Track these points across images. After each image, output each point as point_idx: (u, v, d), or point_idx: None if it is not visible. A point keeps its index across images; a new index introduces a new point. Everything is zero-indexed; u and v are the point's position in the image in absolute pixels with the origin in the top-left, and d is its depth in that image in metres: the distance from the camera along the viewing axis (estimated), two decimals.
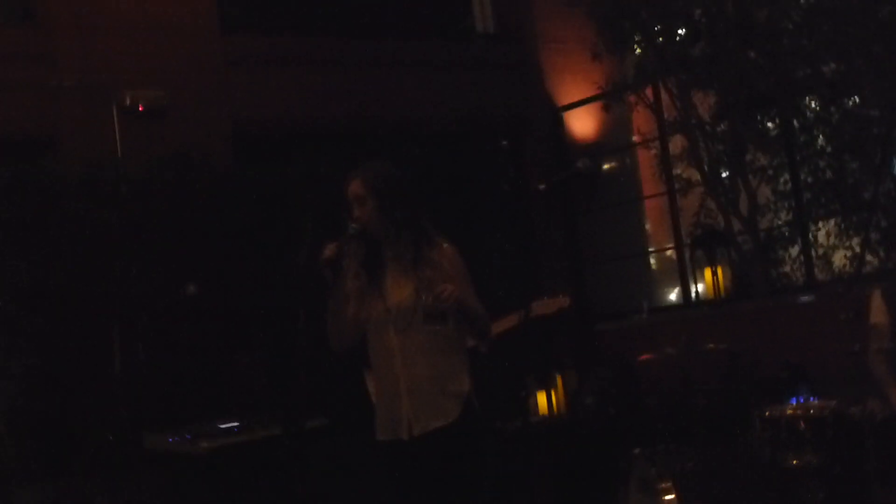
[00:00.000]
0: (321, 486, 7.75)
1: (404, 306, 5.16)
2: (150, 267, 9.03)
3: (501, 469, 8.47)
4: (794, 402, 7.09)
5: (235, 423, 7.75)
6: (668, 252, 11.92)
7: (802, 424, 6.59)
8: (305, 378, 5.26)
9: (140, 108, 9.54)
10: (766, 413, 6.83)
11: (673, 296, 11.92)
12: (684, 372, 7.98)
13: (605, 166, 12.50)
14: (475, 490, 5.17)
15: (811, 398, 7.14)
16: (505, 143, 12.44)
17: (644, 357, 8.13)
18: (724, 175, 10.53)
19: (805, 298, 9.93)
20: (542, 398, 9.86)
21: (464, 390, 5.19)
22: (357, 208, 5.23)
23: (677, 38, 10.53)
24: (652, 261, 12.42)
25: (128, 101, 9.53)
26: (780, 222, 10.69)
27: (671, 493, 6.80)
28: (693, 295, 11.17)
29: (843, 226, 10.29)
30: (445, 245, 5.28)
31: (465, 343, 5.38)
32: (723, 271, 10.47)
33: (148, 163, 9.34)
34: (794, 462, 6.58)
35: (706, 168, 10.53)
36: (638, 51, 10.91)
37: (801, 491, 6.54)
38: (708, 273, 10.55)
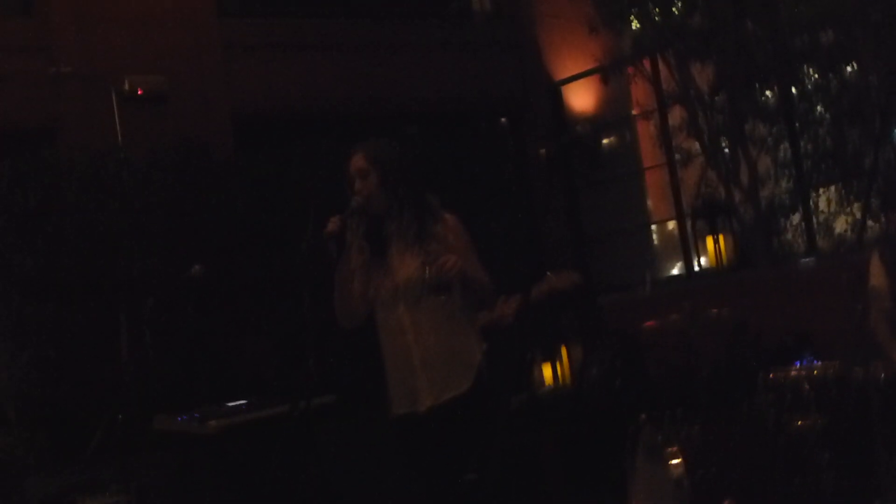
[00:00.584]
0: (331, 463, 7.83)
1: (412, 281, 5.19)
2: (154, 252, 9.06)
3: (509, 440, 8.52)
4: (797, 364, 7.11)
5: (243, 402, 7.79)
6: (670, 225, 11.94)
7: (806, 386, 6.61)
8: (314, 356, 5.28)
9: (139, 92, 9.57)
10: (770, 376, 6.85)
11: (676, 268, 11.95)
12: (688, 340, 7.99)
13: (605, 140, 12.52)
14: (489, 456, 5.21)
15: (815, 362, 7.16)
16: (504, 120, 12.47)
17: (648, 324, 8.14)
18: (724, 146, 10.54)
19: (806, 261, 9.95)
20: (547, 370, 9.89)
21: (475, 360, 5.23)
22: (359, 182, 5.25)
23: (674, 10, 10.53)
24: (654, 233, 12.44)
25: (127, 87, 9.57)
26: (781, 191, 10.71)
27: (678, 458, 6.80)
28: (696, 266, 11.21)
29: (843, 192, 10.33)
30: (448, 217, 5.31)
31: (474, 314, 5.41)
32: (725, 241, 10.49)
33: (149, 149, 9.37)
34: (799, 423, 6.61)
35: (706, 139, 10.55)
36: (635, 24, 10.90)
37: (806, 452, 6.55)
38: (710, 243, 10.57)
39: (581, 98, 12.20)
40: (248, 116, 10.32)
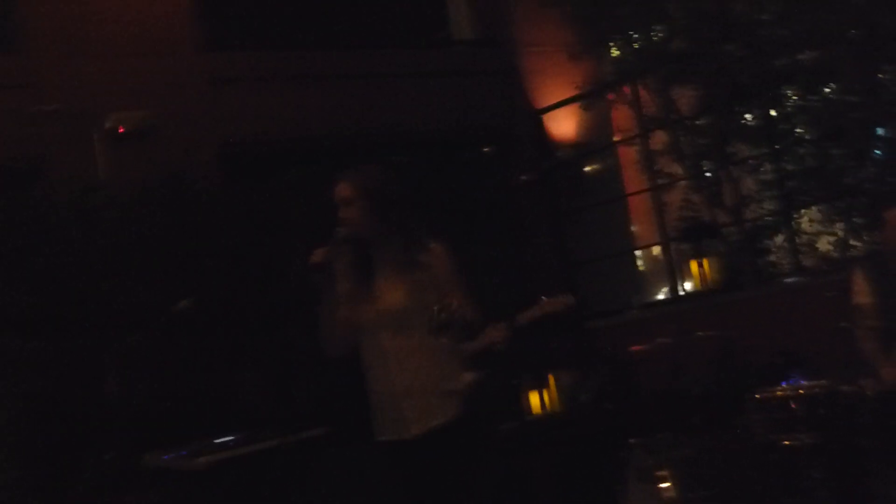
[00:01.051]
0: (323, 496, 7.81)
1: (396, 308, 5.18)
2: (143, 288, 9.04)
3: (501, 469, 8.52)
4: (785, 384, 7.15)
5: (231, 438, 7.76)
6: (655, 250, 11.96)
7: (794, 404, 6.64)
8: (304, 389, 5.30)
9: (120, 130, 9.56)
10: (758, 396, 6.88)
11: (662, 291, 11.98)
12: (677, 362, 8.03)
13: (588, 168, 12.56)
14: (478, 486, 5.20)
15: (802, 381, 7.19)
16: (488, 148, 12.51)
17: (636, 348, 8.17)
18: (706, 168, 10.59)
19: (791, 280, 10.00)
20: (534, 397, 9.91)
21: (460, 388, 5.22)
22: (344, 210, 5.25)
23: (654, 36, 10.60)
24: (639, 257, 12.47)
25: (109, 125, 9.56)
26: (764, 212, 10.77)
27: (668, 481, 6.84)
28: (682, 289, 11.24)
29: (827, 212, 10.38)
30: (435, 246, 5.29)
31: (457, 342, 5.41)
32: (710, 263, 10.53)
33: (135, 185, 9.35)
34: (788, 442, 6.64)
35: (688, 162, 10.59)
36: (616, 52, 10.97)
37: (797, 470, 6.58)
38: (695, 266, 10.61)
39: (563, 125, 12.24)
40: (235, 149, 10.31)
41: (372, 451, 5.40)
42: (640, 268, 12.50)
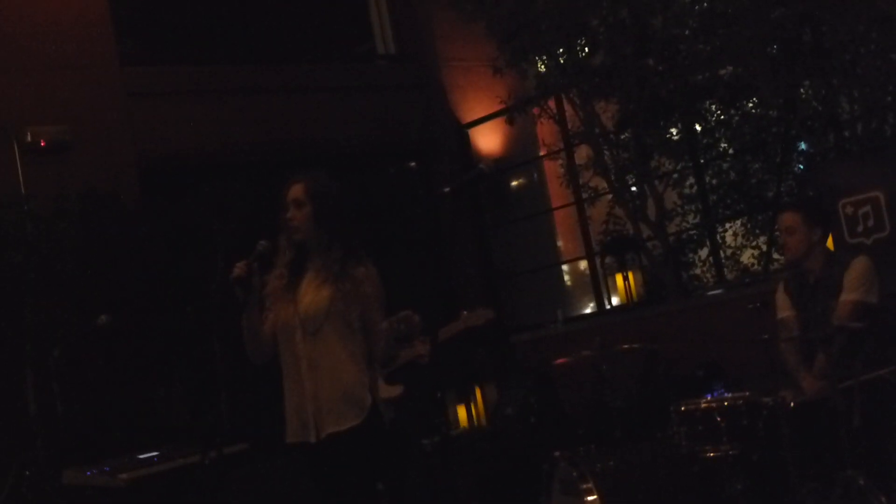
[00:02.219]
0: None
1: (315, 312, 5.19)
2: (61, 304, 8.92)
3: (425, 483, 8.50)
4: (709, 396, 7.18)
5: (155, 454, 7.68)
6: (582, 265, 11.99)
7: (717, 416, 6.67)
8: (224, 404, 5.25)
9: (42, 144, 9.47)
10: (682, 408, 6.90)
11: (587, 304, 12.02)
12: (601, 374, 8.05)
13: (514, 182, 12.59)
14: (400, 496, 5.21)
15: (726, 393, 7.23)
16: (413, 164, 12.49)
17: (560, 361, 8.17)
18: (630, 182, 10.64)
19: (714, 293, 10.08)
20: (461, 411, 9.90)
21: (366, 398, 5.22)
22: (293, 211, 5.27)
23: (577, 50, 10.63)
24: (564, 271, 12.51)
25: (29, 138, 9.46)
26: (688, 225, 10.84)
27: (593, 494, 6.83)
28: (607, 302, 11.29)
29: (749, 226, 10.48)
30: (369, 266, 5.31)
31: (367, 357, 5.39)
32: (634, 277, 10.60)
33: (54, 199, 9.25)
34: (712, 454, 6.67)
35: (612, 176, 10.63)
36: (541, 67, 10.98)
37: (720, 481, 6.61)
38: (619, 280, 10.67)
39: (488, 140, 12.26)
40: (154, 163, 10.23)
41: (293, 468, 5.38)
42: (567, 282, 12.53)
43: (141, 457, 7.69)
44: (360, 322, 5.24)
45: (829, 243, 8.16)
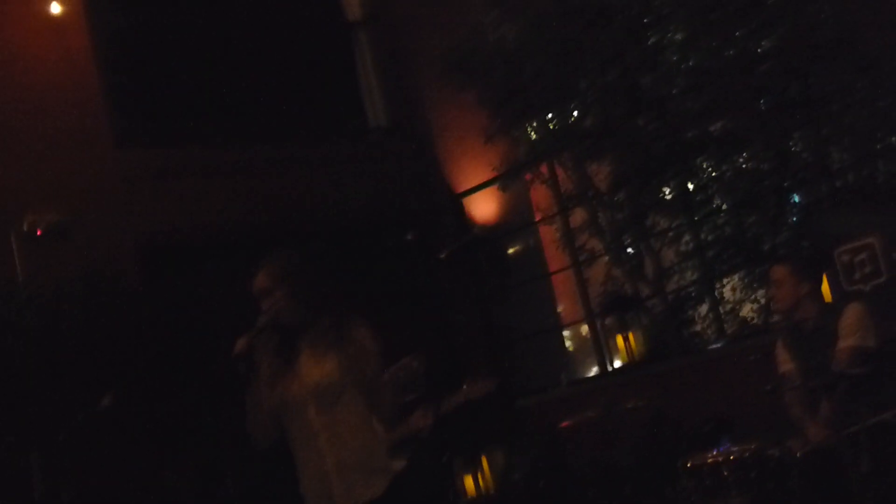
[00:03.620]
0: None
1: (324, 384, 5.12)
2: (64, 391, 8.91)
3: None
4: (715, 451, 7.16)
5: None
6: (584, 329, 11.97)
7: (725, 470, 6.66)
8: (233, 485, 5.22)
9: (38, 233, 9.48)
10: (689, 463, 6.88)
11: (590, 367, 12.00)
12: (608, 435, 8.03)
13: (511, 249, 12.61)
14: None
15: (733, 447, 7.21)
16: (410, 236, 12.50)
17: (566, 423, 8.16)
18: (626, 242, 10.67)
19: (715, 347, 10.07)
20: (468, 481, 9.85)
21: (389, 465, 5.19)
22: (265, 301, 5.22)
23: (567, 114, 10.71)
24: (566, 334, 12.50)
25: (26, 227, 9.48)
26: (686, 282, 10.86)
27: None
28: (610, 364, 11.27)
29: (747, 279, 10.49)
30: (364, 324, 5.24)
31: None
32: (635, 336, 10.58)
33: (55, 285, 9.25)
34: None
35: (608, 237, 10.67)
36: (533, 135, 11.05)
37: None
38: (621, 340, 10.66)
39: (483, 208, 12.29)
40: (153, 245, 10.25)
41: None
42: (568, 346, 12.52)
43: None
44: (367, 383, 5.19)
45: (827, 293, 8.23)
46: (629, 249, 10.74)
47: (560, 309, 12.49)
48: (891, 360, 6.75)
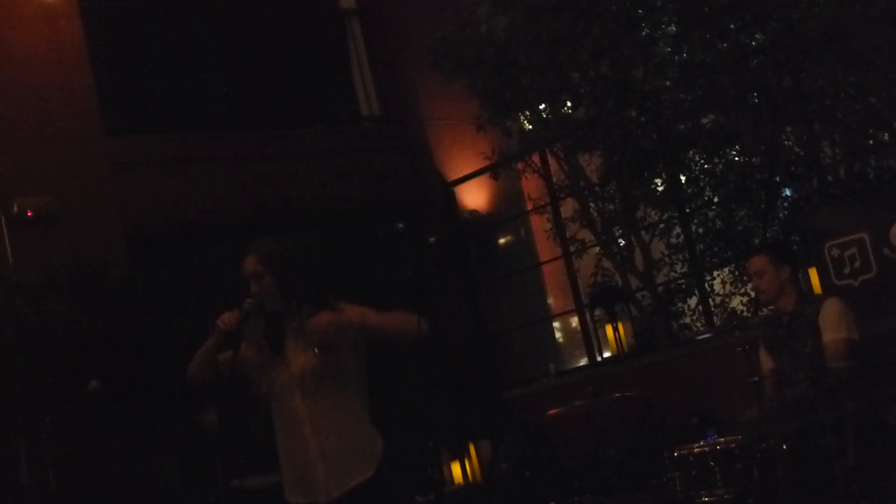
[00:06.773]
0: None
1: (308, 371, 5.15)
2: (52, 375, 8.91)
3: None
4: (702, 442, 7.18)
5: None
6: (574, 321, 11.98)
7: (711, 461, 6.66)
8: (222, 472, 5.22)
9: (29, 214, 9.49)
10: (676, 454, 6.89)
11: (579, 358, 12.01)
12: (595, 425, 8.04)
13: (501, 239, 12.61)
14: None
15: (718, 437, 7.23)
16: (400, 224, 12.52)
17: (553, 411, 8.16)
18: (617, 234, 10.68)
19: (702, 338, 10.09)
20: (456, 468, 9.87)
21: (375, 449, 5.20)
22: (254, 284, 5.23)
23: (559, 105, 10.68)
24: (555, 325, 12.50)
25: (16, 209, 9.49)
26: (676, 275, 10.87)
27: None
28: (598, 354, 11.29)
29: (737, 273, 10.50)
30: (344, 305, 5.25)
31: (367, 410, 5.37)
32: (624, 328, 10.61)
33: (43, 271, 9.25)
34: (707, 499, 6.64)
35: (599, 228, 10.67)
36: (526, 125, 11.02)
37: None
38: (609, 330, 10.68)
39: (474, 197, 12.29)
40: (142, 233, 10.26)
41: None
42: (558, 336, 12.53)
43: None
44: (357, 364, 5.21)
45: (817, 285, 8.27)
46: (620, 241, 10.73)
47: (550, 299, 12.48)
48: (880, 354, 6.81)
